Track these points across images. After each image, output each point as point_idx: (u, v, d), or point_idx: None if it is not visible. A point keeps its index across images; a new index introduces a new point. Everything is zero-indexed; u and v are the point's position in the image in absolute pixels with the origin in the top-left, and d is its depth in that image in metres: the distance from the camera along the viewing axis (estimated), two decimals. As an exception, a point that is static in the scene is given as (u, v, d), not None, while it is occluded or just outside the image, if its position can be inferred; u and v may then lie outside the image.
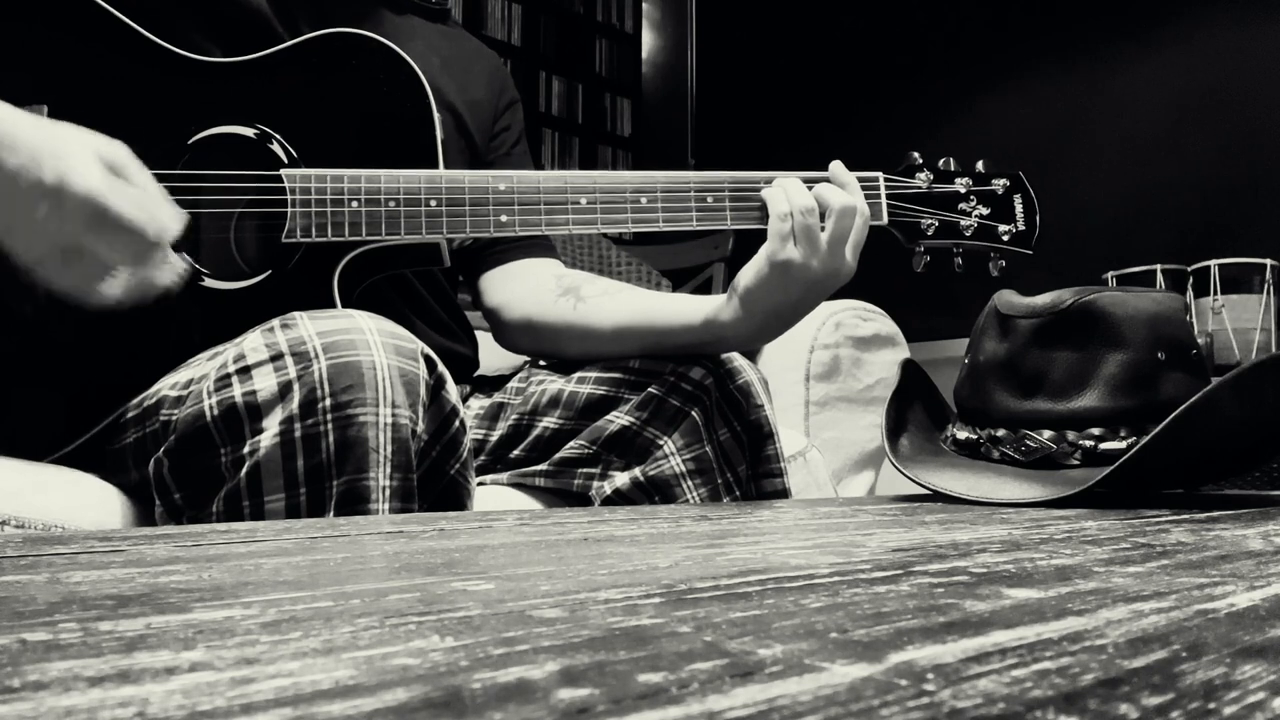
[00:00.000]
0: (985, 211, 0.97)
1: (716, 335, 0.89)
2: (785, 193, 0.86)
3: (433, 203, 0.85)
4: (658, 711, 0.16)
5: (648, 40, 3.94)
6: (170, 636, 0.21)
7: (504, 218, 0.87)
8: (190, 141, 0.84)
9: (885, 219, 0.94)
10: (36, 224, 0.69)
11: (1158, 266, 2.21)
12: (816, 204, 0.85)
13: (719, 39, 3.79)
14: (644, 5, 3.94)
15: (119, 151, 0.72)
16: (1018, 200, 0.99)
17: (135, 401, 0.79)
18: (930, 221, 0.96)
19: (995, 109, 2.93)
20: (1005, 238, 0.98)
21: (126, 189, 0.69)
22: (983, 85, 2.97)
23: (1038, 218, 0.99)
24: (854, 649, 0.21)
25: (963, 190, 0.97)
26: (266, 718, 0.15)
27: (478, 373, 1.08)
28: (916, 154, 0.98)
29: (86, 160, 0.69)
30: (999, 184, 0.99)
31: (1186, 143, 2.55)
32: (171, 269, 0.72)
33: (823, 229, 0.85)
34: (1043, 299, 0.76)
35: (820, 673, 0.19)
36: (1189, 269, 2.22)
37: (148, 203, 0.70)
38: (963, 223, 0.97)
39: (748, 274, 0.88)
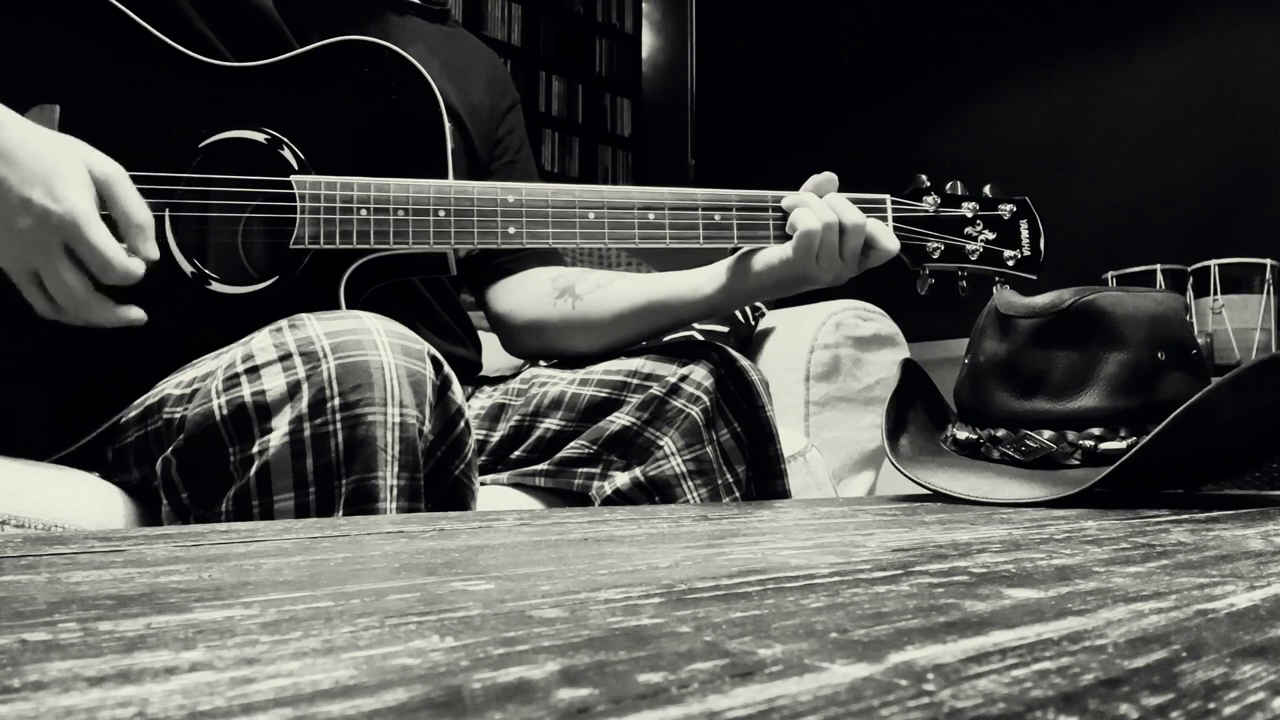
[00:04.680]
0: (991, 236, 0.98)
1: (706, 310, 0.96)
2: (813, 212, 0.88)
3: (441, 213, 0.85)
4: (658, 711, 0.16)
5: (648, 40, 3.94)
6: (170, 636, 0.21)
7: (511, 230, 0.87)
8: (201, 145, 0.84)
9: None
10: (16, 240, 0.70)
11: (1158, 266, 2.21)
12: (838, 221, 0.88)
13: (719, 39, 3.79)
14: (644, 5, 3.94)
15: (112, 171, 0.73)
16: (1024, 225, 0.99)
17: (137, 401, 0.79)
18: (936, 245, 0.96)
19: (996, 108, 2.93)
20: (1010, 263, 0.98)
21: (102, 225, 0.72)
22: (984, 84, 2.97)
23: (1043, 243, 0.99)
24: (854, 649, 0.21)
25: (969, 214, 0.98)
26: (266, 718, 0.15)
27: (479, 374, 1.08)
28: (924, 176, 0.98)
29: (77, 185, 0.70)
30: (1005, 209, 0.99)
31: (1186, 143, 2.55)
32: (129, 310, 0.76)
33: (841, 245, 0.89)
34: (1042, 299, 0.76)
35: (820, 673, 0.19)
36: (1189, 269, 2.22)
37: (131, 233, 0.74)
38: (968, 247, 0.97)
39: (756, 267, 0.92)
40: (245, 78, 0.87)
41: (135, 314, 0.76)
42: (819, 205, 0.88)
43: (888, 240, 0.90)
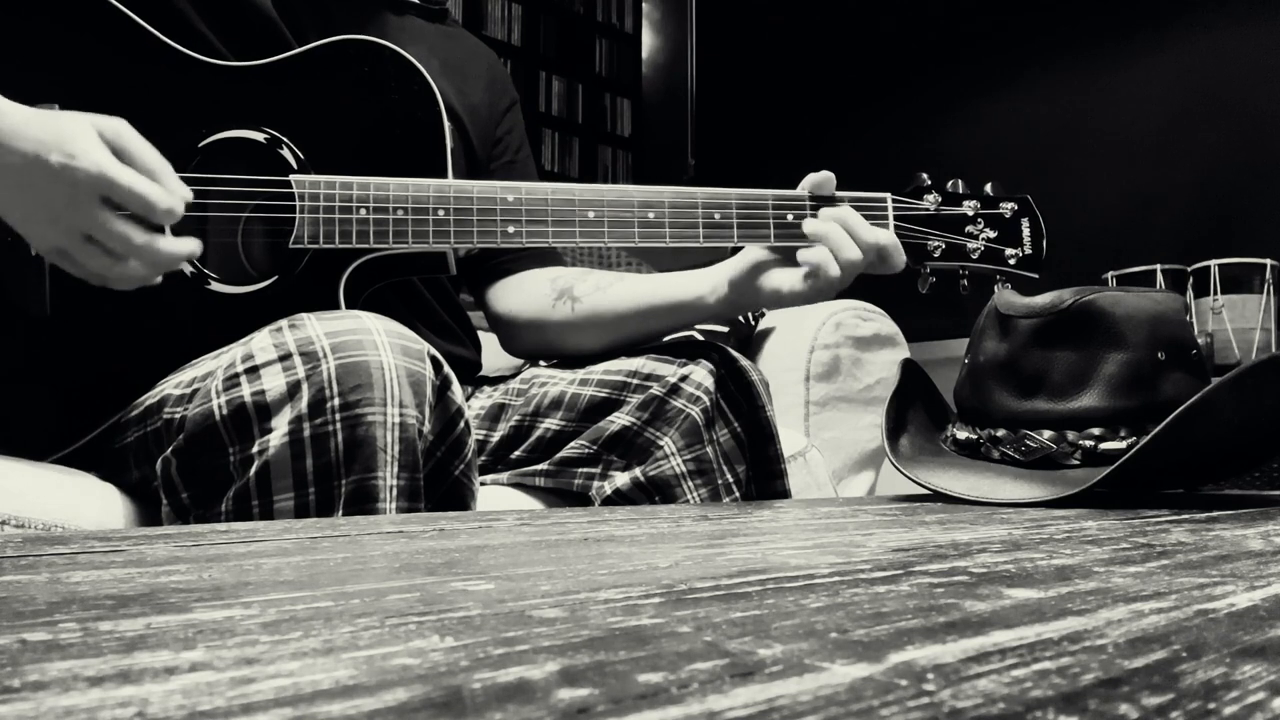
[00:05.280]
0: (992, 235, 0.97)
1: (707, 318, 0.97)
2: (839, 258, 0.86)
3: (441, 212, 0.85)
4: (658, 711, 0.16)
5: (648, 40, 3.94)
6: (170, 636, 0.21)
7: (511, 229, 0.87)
8: (201, 145, 0.84)
9: None
10: (51, 211, 0.70)
11: (1158, 266, 2.21)
12: (861, 264, 0.88)
13: (719, 39, 3.79)
14: (644, 5, 3.94)
15: (119, 127, 0.73)
16: (1025, 224, 0.98)
17: (137, 401, 0.79)
18: (937, 244, 0.96)
19: (996, 108, 2.93)
20: (1012, 261, 0.98)
21: (131, 168, 0.71)
22: (984, 83, 2.97)
23: (1044, 241, 0.99)
24: (854, 649, 0.21)
25: (970, 213, 0.97)
26: (266, 718, 0.15)
27: (479, 374, 1.08)
28: (925, 175, 0.97)
29: (90, 142, 0.70)
30: (1007, 207, 0.98)
31: (1186, 143, 2.55)
32: (187, 242, 0.74)
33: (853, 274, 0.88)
34: (1042, 299, 0.76)
35: (820, 673, 0.19)
36: (1189, 269, 2.22)
37: (155, 176, 0.72)
38: (969, 245, 0.97)
39: (764, 288, 0.91)
40: (245, 77, 0.87)
41: (194, 244, 0.75)
42: (847, 248, 0.86)
43: (896, 257, 0.89)
